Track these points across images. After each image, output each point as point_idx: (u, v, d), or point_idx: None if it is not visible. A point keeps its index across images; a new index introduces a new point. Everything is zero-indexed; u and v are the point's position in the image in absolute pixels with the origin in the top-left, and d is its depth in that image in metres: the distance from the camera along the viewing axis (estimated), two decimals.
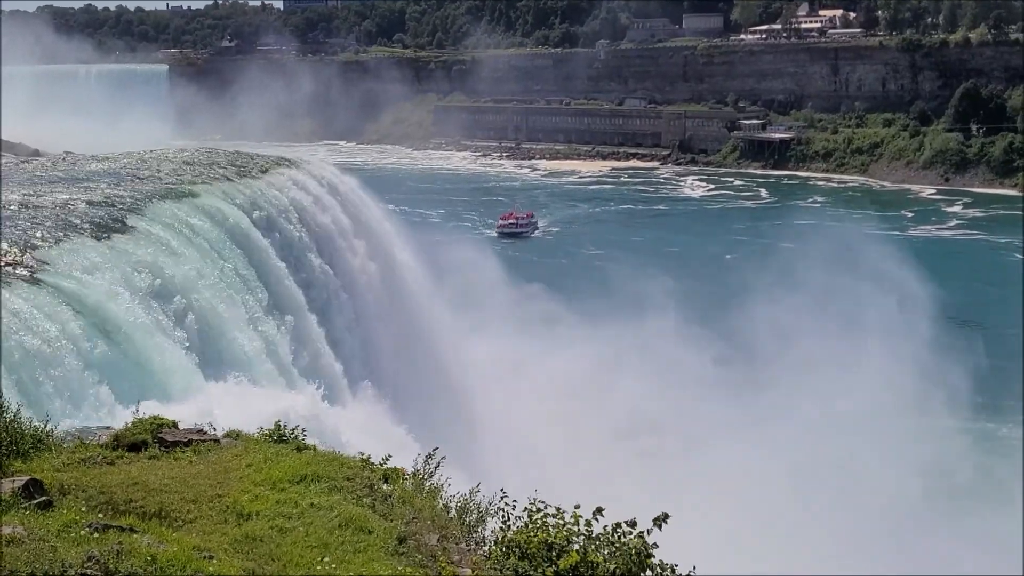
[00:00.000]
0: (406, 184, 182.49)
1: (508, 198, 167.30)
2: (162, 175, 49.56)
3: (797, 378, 65.55)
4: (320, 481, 15.45)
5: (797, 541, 49.30)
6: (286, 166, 56.97)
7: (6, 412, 15.87)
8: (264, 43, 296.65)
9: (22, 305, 29.59)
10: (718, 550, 43.25)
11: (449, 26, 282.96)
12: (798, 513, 53.14)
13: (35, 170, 51.65)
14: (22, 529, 11.64)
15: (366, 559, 12.75)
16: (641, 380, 66.95)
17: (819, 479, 57.16)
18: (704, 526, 44.06)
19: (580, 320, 76.58)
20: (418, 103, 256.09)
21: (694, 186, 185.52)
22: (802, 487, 55.89)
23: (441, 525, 15.17)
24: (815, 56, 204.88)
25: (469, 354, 63.56)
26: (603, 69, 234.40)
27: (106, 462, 15.78)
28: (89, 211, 39.79)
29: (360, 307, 53.84)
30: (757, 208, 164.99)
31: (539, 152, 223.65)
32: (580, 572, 11.19)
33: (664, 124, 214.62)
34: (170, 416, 18.27)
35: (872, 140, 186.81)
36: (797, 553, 46.37)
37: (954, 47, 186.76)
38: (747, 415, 64.14)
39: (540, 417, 59.73)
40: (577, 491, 14.70)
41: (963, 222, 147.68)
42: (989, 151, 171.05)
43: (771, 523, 51.44)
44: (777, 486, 55.37)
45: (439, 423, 48.72)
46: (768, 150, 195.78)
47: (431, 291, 63.50)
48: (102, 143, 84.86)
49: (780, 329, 71.55)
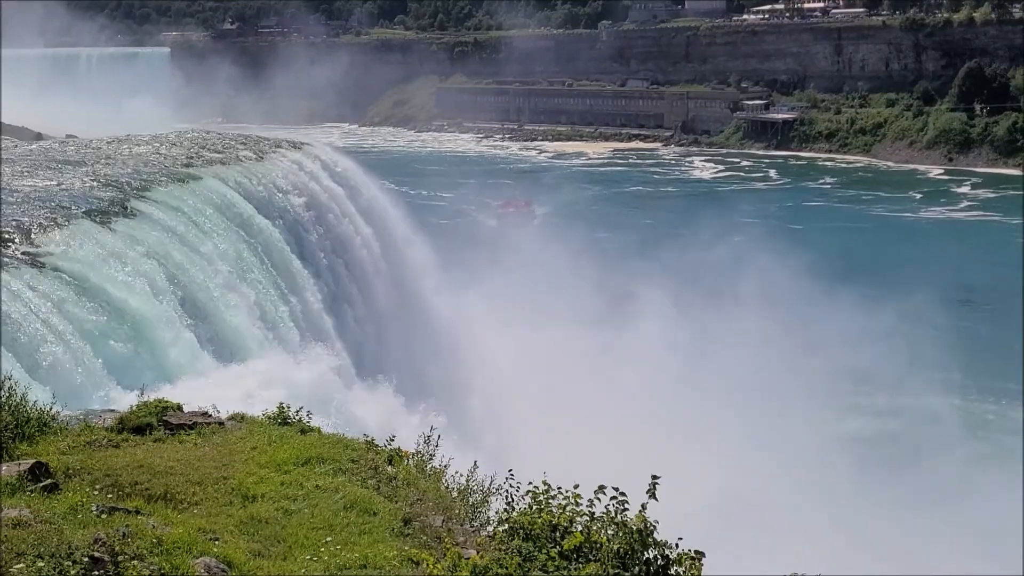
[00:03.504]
0: (412, 167, 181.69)
1: (515, 181, 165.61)
2: (164, 158, 49.55)
3: None
4: (325, 463, 15.54)
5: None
6: (291, 149, 56.86)
7: (12, 395, 15.94)
8: (265, 26, 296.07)
9: (25, 289, 29.63)
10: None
11: (451, 7, 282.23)
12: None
13: (38, 154, 51.65)
14: (28, 512, 11.71)
15: (371, 540, 12.82)
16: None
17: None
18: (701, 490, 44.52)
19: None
20: (420, 85, 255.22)
21: (703, 167, 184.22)
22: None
23: (446, 507, 15.26)
24: (818, 36, 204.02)
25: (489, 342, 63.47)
26: (605, 50, 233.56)
27: (111, 445, 15.86)
28: (92, 195, 39.81)
29: (371, 297, 53.91)
30: (770, 189, 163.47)
31: (541, 134, 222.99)
32: (584, 552, 11.23)
33: (667, 105, 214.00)
34: (175, 399, 18.35)
35: (875, 120, 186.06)
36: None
37: (958, 26, 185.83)
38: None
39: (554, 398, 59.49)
40: (583, 467, 14.73)
41: (975, 203, 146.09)
42: (993, 131, 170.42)
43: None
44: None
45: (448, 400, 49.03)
46: (771, 131, 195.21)
47: (439, 278, 63.51)
48: (104, 126, 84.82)
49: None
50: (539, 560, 11.10)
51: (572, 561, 11.15)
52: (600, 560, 11.12)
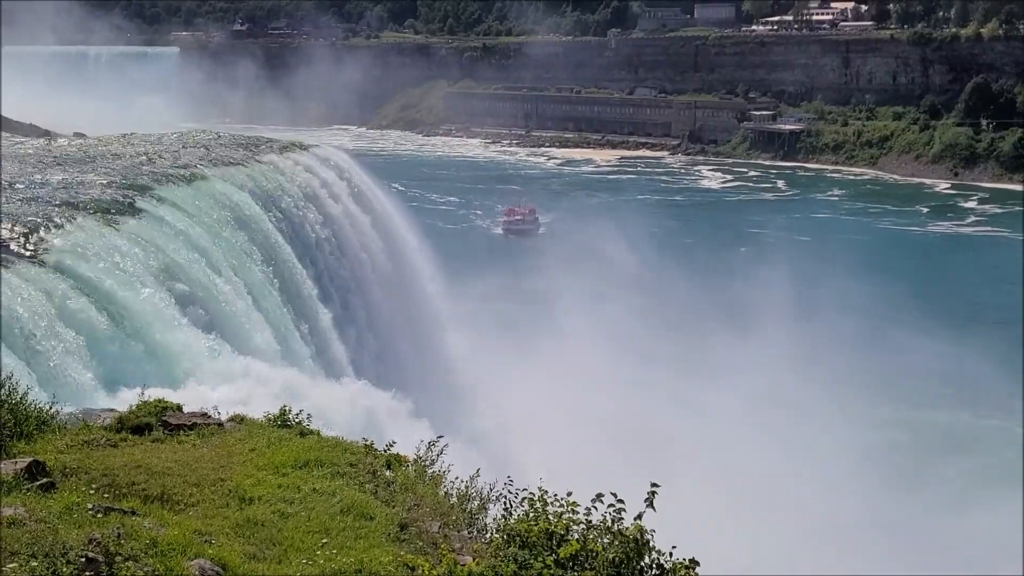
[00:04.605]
0: (421, 171, 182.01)
1: (524, 187, 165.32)
2: (171, 158, 49.57)
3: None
4: (323, 466, 15.49)
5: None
6: (298, 151, 56.88)
7: (13, 394, 15.90)
8: (275, 27, 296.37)
9: (28, 286, 29.62)
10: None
11: (460, 12, 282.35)
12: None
13: (45, 152, 51.70)
14: (23, 511, 11.68)
15: (367, 545, 12.78)
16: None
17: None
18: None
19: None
20: (428, 89, 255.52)
21: (712, 177, 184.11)
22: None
23: (443, 512, 15.20)
24: (826, 48, 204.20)
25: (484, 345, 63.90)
26: (614, 58, 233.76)
27: (110, 444, 15.81)
28: (97, 193, 39.82)
29: (371, 299, 53.96)
30: (778, 200, 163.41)
31: (549, 140, 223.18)
32: (580, 560, 11.22)
33: (674, 114, 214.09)
34: (174, 399, 18.32)
35: (882, 133, 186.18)
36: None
37: (965, 41, 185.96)
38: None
39: (552, 408, 59.87)
40: (579, 477, 14.73)
41: (982, 218, 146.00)
42: (999, 146, 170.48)
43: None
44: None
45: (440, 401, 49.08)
46: (778, 141, 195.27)
47: (442, 285, 63.80)
48: (113, 125, 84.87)
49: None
50: (535, 568, 11.08)
51: (568, 569, 11.14)
52: (595, 568, 11.11)
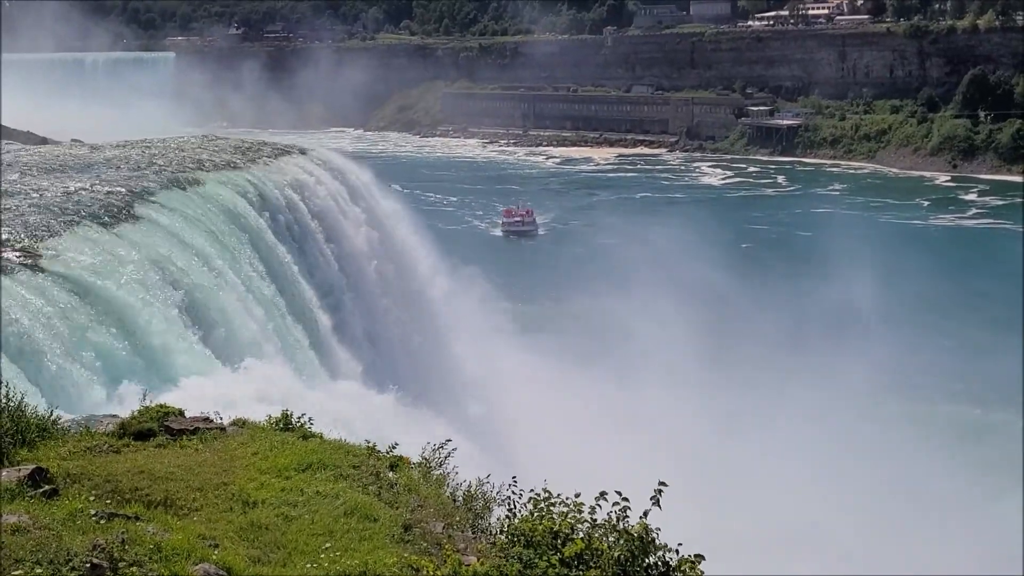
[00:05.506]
0: (420, 172, 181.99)
1: (523, 186, 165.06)
2: (169, 163, 49.56)
3: None
4: (326, 469, 15.48)
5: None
6: (295, 154, 56.95)
7: (11, 401, 15.88)
8: (271, 31, 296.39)
9: (28, 293, 29.60)
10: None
11: (456, 13, 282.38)
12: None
13: (43, 158, 51.66)
14: (27, 518, 11.66)
15: (371, 547, 12.77)
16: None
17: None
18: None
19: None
20: (425, 90, 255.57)
21: (712, 173, 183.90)
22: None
23: (447, 513, 15.19)
24: (822, 42, 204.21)
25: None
26: (611, 56, 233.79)
27: (112, 450, 15.80)
28: (96, 199, 39.81)
29: (371, 301, 53.98)
30: (778, 196, 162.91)
31: (547, 139, 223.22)
32: (585, 559, 11.21)
33: (671, 111, 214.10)
34: (176, 404, 18.29)
35: (880, 127, 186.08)
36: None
37: (962, 33, 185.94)
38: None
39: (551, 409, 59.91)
40: (583, 475, 14.71)
41: (984, 211, 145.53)
42: (997, 138, 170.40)
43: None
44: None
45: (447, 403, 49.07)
46: (776, 137, 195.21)
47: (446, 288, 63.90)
48: (110, 131, 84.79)
49: None
50: (540, 567, 11.08)
51: (573, 568, 11.13)
52: (601, 567, 11.10)
